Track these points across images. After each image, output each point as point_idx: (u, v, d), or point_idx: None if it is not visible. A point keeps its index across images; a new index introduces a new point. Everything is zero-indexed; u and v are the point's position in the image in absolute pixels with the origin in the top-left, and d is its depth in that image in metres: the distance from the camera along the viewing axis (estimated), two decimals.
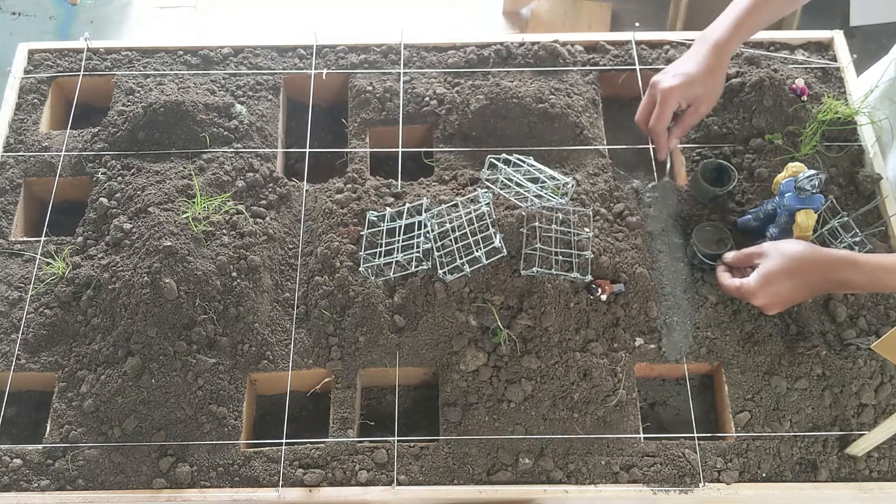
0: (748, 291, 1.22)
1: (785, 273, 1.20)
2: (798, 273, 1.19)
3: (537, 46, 1.64)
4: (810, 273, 1.19)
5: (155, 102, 1.53)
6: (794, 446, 1.29)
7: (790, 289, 1.20)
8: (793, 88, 1.54)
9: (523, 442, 1.29)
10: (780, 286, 1.20)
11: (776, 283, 1.20)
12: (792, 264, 1.20)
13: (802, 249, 1.20)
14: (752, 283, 1.22)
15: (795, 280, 1.20)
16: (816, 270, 1.19)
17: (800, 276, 1.20)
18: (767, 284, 1.20)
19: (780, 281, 1.20)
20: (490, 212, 1.35)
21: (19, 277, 1.43)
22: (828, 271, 1.18)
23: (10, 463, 1.27)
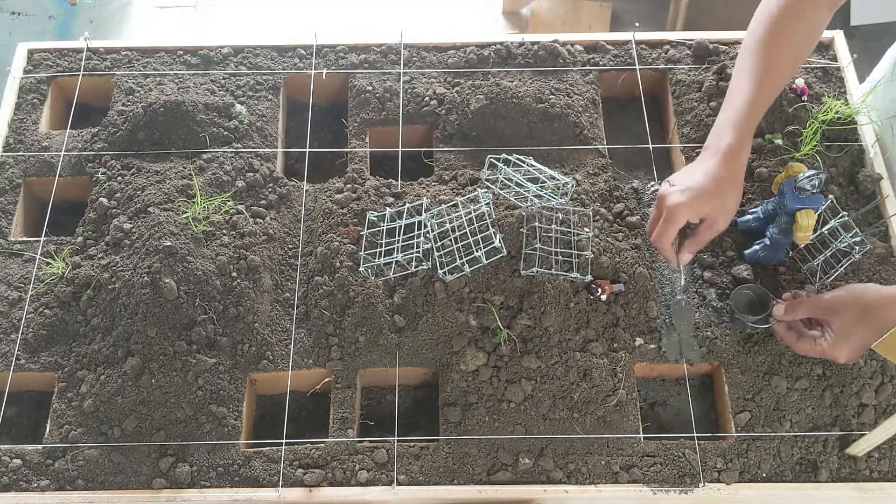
0: (831, 354, 1.21)
1: (861, 322, 1.18)
2: (872, 317, 1.17)
3: (537, 46, 1.64)
4: (881, 314, 1.17)
5: (155, 102, 1.53)
6: (794, 446, 1.28)
7: (867, 334, 1.17)
8: (793, 88, 1.54)
9: (523, 442, 1.28)
10: (861, 337, 1.18)
11: (856, 336, 1.18)
12: (865, 313, 1.18)
13: (867, 292, 1.18)
14: (833, 344, 1.20)
15: (871, 325, 1.17)
16: (887, 310, 1.17)
17: (875, 320, 1.17)
18: (847, 340, 1.19)
19: (858, 332, 1.18)
20: (490, 212, 1.35)
21: (19, 277, 1.43)
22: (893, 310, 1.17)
23: (10, 463, 1.27)
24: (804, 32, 1.27)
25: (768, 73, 1.23)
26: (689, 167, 1.27)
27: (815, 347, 1.23)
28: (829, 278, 1.38)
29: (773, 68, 1.23)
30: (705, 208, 1.21)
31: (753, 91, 1.22)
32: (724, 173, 1.20)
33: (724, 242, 1.45)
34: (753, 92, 1.22)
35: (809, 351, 1.24)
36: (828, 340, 1.21)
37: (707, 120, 1.55)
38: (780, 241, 1.36)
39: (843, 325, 1.20)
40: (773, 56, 1.23)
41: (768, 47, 1.24)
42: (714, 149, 1.22)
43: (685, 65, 1.65)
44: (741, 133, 1.21)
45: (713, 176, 1.20)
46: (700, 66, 1.64)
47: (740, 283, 1.39)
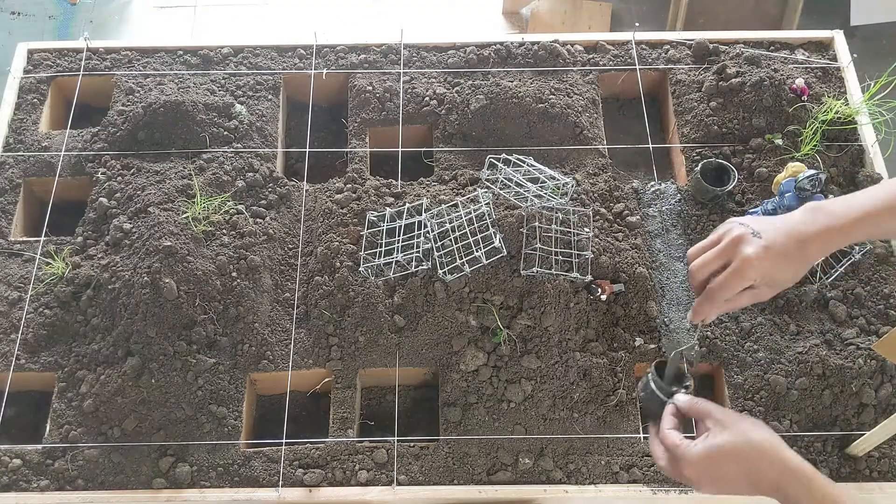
0: (684, 457, 0.99)
1: (735, 456, 0.98)
2: (751, 464, 0.98)
3: (537, 46, 1.64)
4: (764, 471, 0.98)
5: (155, 102, 1.53)
6: (794, 446, 1.28)
7: (734, 477, 0.98)
8: (793, 88, 1.54)
9: (523, 442, 1.28)
10: (725, 469, 0.98)
11: (721, 464, 0.98)
12: (749, 451, 0.98)
13: (768, 439, 0.99)
14: (693, 450, 0.99)
15: (744, 469, 0.98)
16: (771, 470, 0.98)
17: (752, 469, 0.98)
18: (710, 459, 0.98)
19: (726, 463, 0.98)
20: (490, 212, 1.35)
21: (19, 277, 1.43)
22: (782, 479, 0.97)
23: (10, 463, 1.27)
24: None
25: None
26: (774, 220, 1.07)
27: (672, 439, 1.03)
28: (830, 278, 1.38)
29: None
30: (777, 275, 1.04)
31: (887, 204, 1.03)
32: (814, 252, 1.03)
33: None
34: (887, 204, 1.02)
35: (664, 439, 1.04)
36: (690, 445, 1.01)
37: (707, 120, 1.55)
38: None
39: (718, 443, 0.99)
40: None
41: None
42: (812, 216, 1.04)
43: (685, 65, 1.65)
44: (850, 224, 1.02)
45: (798, 243, 1.03)
46: (700, 66, 1.64)
47: None
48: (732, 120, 1.55)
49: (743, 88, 1.54)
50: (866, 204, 1.03)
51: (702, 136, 1.56)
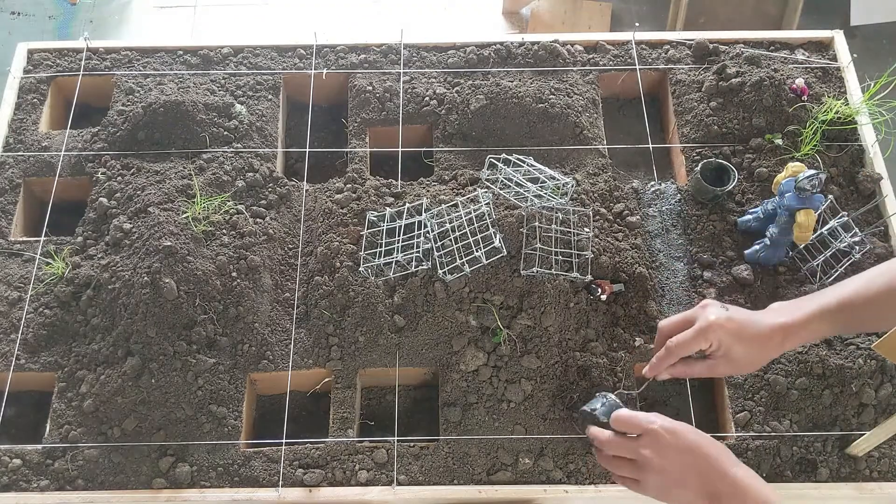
0: (648, 428, 1.04)
1: (695, 445, 1.03)
2: (692, 456, 1.02)
3: (537, 46, 1.64)
4: (703, 469, 1.01)
5: (155, 102, 1.53)
6: (793, 446, 1.28)
7: (680, 470, 1.02)
8: (793, 88, 1.54)
9: (523, 442, 1.28)
10: (671, 461, 1.02)
11: (680, 445, 1.02)
12: (689, 442, 1.03)
13: (698, 439, 1.03)
14: (659, 422, 1.04)
15: (687, 464, 1.02)
16: (707, 468, 1.01)
17: (693, 465, 1.02)
18: (673, 434, 1.03)
19: (671, 455, 1.02)
20: (490, 212, 1.35)
21: (19, 277, 1.43)
22: (716, 478, 1.00)
23: (10, 463, 1.27)
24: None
25: (880, 306, 1.07)
26: (749, 312, 1.14)
27: (602, 434, 1.11)
28: (829, 278, 1.38)
29: (878, 318, 1.07)
30: (734, 349, 1.09)
31: (859, 303, 1.07)
32: (772, 338, 1.09)
33: (724, 242, 1.45)
34: (857, 303, 1.07)
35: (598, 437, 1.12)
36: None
37: (707, 120, 1.55)
38: (780, 240, 1.36)
39: (666, 429, 1.04)
40: None
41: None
42: (785, 311, 1.11)
43: (685, 65, 1.65)
44: (807, 318, 1.08)
45: (765, 330, 1.09)
46: (700, 66, 1.64)
47: (740, 283, 1.39)
48: (732, 120, 1.55)
49: (743, 88, 1.54)
50: (824, 301, 1.08)
51: (702, 136, 1.56)
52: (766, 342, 1.09)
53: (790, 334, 1.09)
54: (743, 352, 1.10)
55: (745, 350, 1.10)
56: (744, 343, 1.10)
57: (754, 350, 1.10)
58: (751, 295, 1.39)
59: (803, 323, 1.09)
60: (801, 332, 1.09)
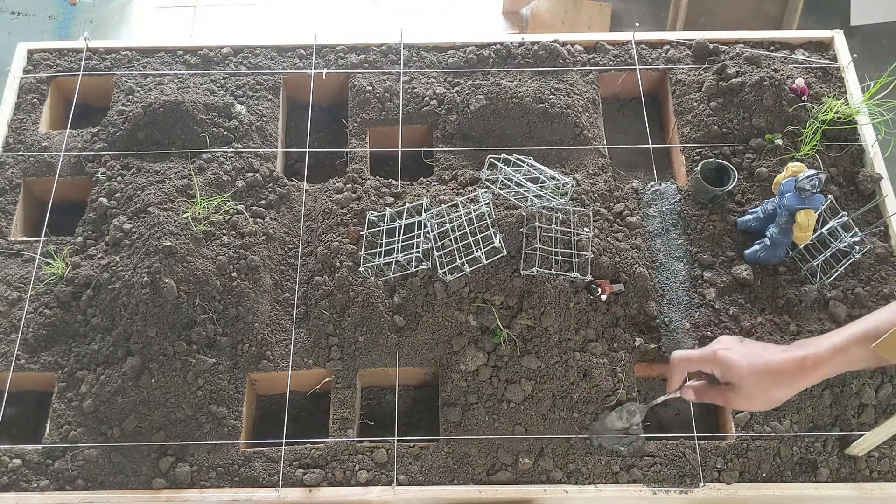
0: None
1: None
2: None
3: (537, 46, 1.64)
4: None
5: (154, 102, 1.53)
6: (794, 446, 1.28)
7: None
8: (793, 88, 1.54)
9: (523, 442, 1.28)
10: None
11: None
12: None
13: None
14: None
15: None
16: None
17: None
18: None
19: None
20: (490, 212, 1.35)
21: (19, 277, 1.43)
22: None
23: (10, 463, 1.27)
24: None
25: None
26: (769, 344, 1.17)
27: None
28: (830, 278, 1.38)
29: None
30: (745, 380, 1.10)
31: None
32: (790, 371, 1.08)
33: (724, 242, 1.45)
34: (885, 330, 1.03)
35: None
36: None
37: (707, 120, 1.55)
38: (780, 240, 1.36)
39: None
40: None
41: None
42: (807, 344, 1.11)
43: (685, 65, 1.65)
44: (831, 353, 1.07)
45: (774, 370, 1.09)
46: (700, 66, 1.64)
47: (740, 283, 1.39)
48: (732, 120, 1.55)
49: (743, 88, 1.54)
50: (837, 340, 1.08)
51: (702, 136, 1.56)
52: (783, 375, 1.08)
53: (813, 367, 1.07)
54: (754, 384, 1.10)
55: (756, 382, 1.10)
56: (755, 376, 1.09)
57: (768, 383, 1.09)
58: (751, 295, 1.39)
59: (828, 355, 1.06)
60: (824, 365, 1.07)
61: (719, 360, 1.13)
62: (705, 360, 1.15)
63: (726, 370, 1.12)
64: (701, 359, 1.15)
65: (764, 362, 1.10)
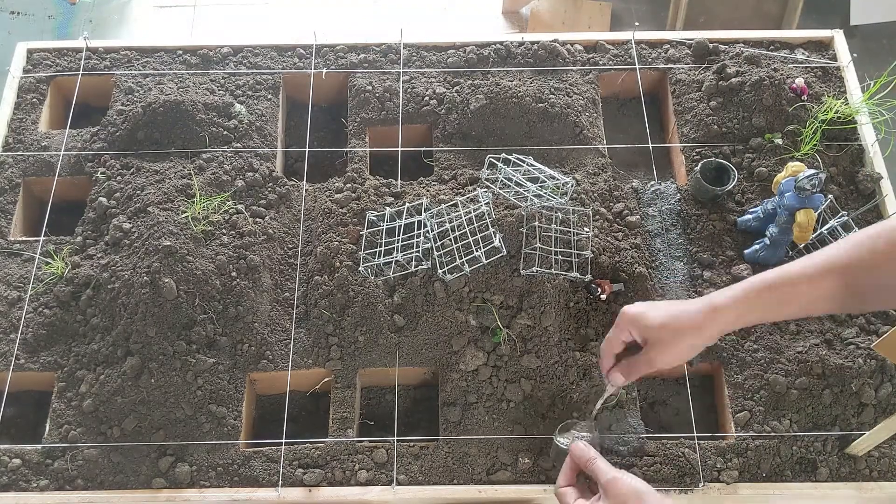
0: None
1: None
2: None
3: (537, 46, 1.64)
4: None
5: (154, 102, 1.53)
6: (793, 446, 1.28)
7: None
8: (792, 88, 1.54)
9: (523, 441, 1.28)
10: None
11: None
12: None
13: (640, 489, 1.06)
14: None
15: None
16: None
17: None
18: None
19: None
20: (490, 211, 1.35)
21: (18, 277, 1.43)
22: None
23: (10, 463, 1.27)
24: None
25: (812, 296, 1.02)
26: (676, 300, 1.16)
27: (569, 496, 1.11)
28: None
29: (818, 296, 1.01)
30: (660, 334, 1.09)
31: (788, 287, 1.02)
32: (692, 318, 1.07)
33: (724, 242, 1.45)
34: (787, 288, 1.02)
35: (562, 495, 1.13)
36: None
37: (707, 119, 1.55)
38: (780, 240, 1.36)
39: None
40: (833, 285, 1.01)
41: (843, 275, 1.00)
42: (705, 297, 1.10)
43: (685, 64, 1.65)
44: (733, 300, 1.06)
45: (680, 311, 1.09)
46: (700, 65, 1.64)
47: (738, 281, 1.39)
48: (732, 119, 1.55)
49: (743, 88, 1.54)
50: (757, 278, 1.05)
51: (702, 135, 1.56)
52: (694, 323, 1.07)
53: (723, 308, 1.05)
54: (670, 336, 1.09)
55: (672, 335, 1.09)
56: (669, 329, 1.08)
57: (682, 333, 1.08)
58: None
59: (732, 298, 1.05)
60: (737, 305, 1.05)
61: (629, 315, 1.11)
62: (619, 325, 1.13)
63: (639, 323, 1.10)
64: (615, 326, 1.14)
65: (672, 308, 1.10)
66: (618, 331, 1.13)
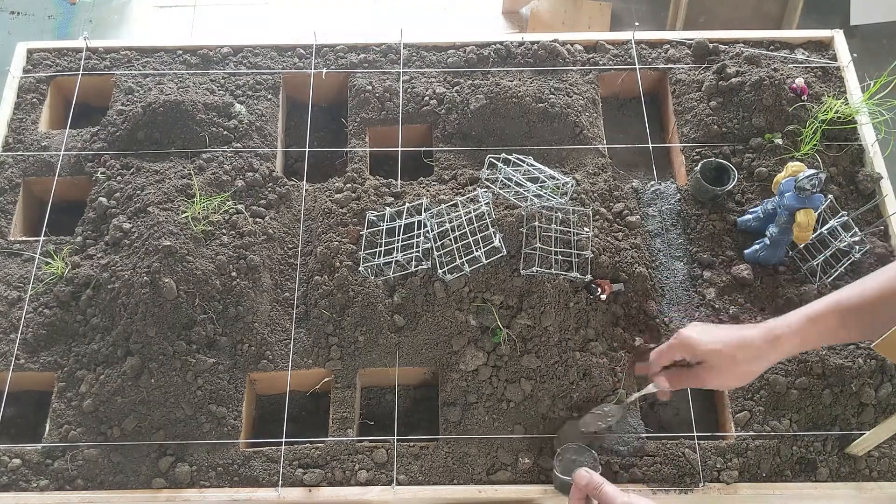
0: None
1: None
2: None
3: (537, 46, 1.64)
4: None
5: (154, 102, 1.52)
6: (793, 445, 1.28)
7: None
8: (792, 88, 1.54)
9: (523, 441, 1.28)
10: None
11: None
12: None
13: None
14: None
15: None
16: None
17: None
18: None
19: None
20: (490, 211, 1.35)
21: (18, 277, 1.43)
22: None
23: (10, 463, 1.27)
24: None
25: (874, 309, 1.04)
26: (734, 325, 1.18)
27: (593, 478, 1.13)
28: (830, 278, 1.38)
29: (874, 321, 1.03)
30: (708, 358, 1.12)
31: (851, 317, 1.04)
32: (753, 348, 1.09)
33: (724, 242, 1.45)
34: (850, 306, 1.05)
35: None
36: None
37: (707, 119, 1.55)
38: (780, 240, 1.36)
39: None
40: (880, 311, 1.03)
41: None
42: (775, 319, 1.11)
43: (685, 64, 1.65)
44: (800, 325, 1.07)
45: (739, 339, 1.10)
46: (700, 65, 1.64)
47: (740, 282, 1.39)
48: (732, 119, 1.55)
49: (743, 88, 1.54)
50: (808, 311, 1.08)
51: (702, 135, 1.55)
52: (754, 347, 1.09)
53: (783, 337, 1.08)
54: (726, 359, 1.11)
55: (728, 357, 1.10)
56: (726, 350, 1.11)
57: (740, 356, 1.10)
58: (751, 294, 1.39)
59: (794, 327, 1.07)
60: (795, 335, 1.07)
61: (685, 339, 1.14)
62: (675, 346, 1.16)
63: (696, 349, 1.13)
64: (671, 346, 1.17)
65: (733, 336, 1.12)
66: (670, 350, 1.17)
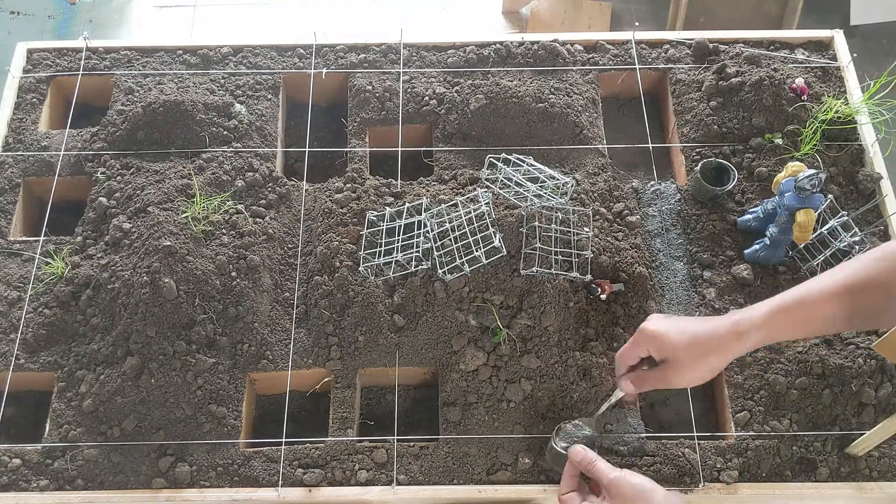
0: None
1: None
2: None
3: (537, 46, 1.64)
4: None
5: (154, 102, 1.53)
6: (793, 445, 1.28)
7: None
8: (792, 88, 1.54)
9: (523, 441, 1.28)
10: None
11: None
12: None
13: (645, 486, 1.08)
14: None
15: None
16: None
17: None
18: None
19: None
20: (490, 211, 1.35)
21: (18, 277, 1.43)
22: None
23: (9, 463, 1.27)
24: None
25: (843, 313, 1.03)
26: (697, 318, 1.15)
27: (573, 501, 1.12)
28: None
29: (851, 313, 1.03)
30: (674, 353, 1.08)
31: (807, 308, 1.03)
32: (716, 342, 1.06)
33: (724, 242, 1.45)
34: (806, 308, 1.03)
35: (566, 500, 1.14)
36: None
37: (707, 119, 1.55)
38: (780, 240, 1.36)
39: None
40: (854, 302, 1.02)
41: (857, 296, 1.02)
42: (739, 312, 1.08)
43: (685, 64, 1.65)
44: (764, 318, 1.04)
45: (703, 333, 1.06)
46: (700, 65, 1.64)
47: (740, 282, 1.39)
48: (732, 119, 1.55)
49: (743, 88, 1.54)
50: (780, 299, 1.05)
51: (702, 135, 1.56)
52: (717, 340, 1.06)
53: (748, 331, 1.04)
54: (690, 355, 1.07)
55: (693, 358, 1.07)
56: (692, 353, 1.07)
57: (703, 350, 1.07)
58: (751, 295, 1.39)
59: (764, 317, 1.04)
60: (761, 328, 1.04)
61: (649, 333, 1.10)
62: (640, 341, 1.11)
63: (659, 343, 1.09)
64: (635, 341, 1.12)
65: (696, 330, 1.07)
66: (635, 346, 1.12)
